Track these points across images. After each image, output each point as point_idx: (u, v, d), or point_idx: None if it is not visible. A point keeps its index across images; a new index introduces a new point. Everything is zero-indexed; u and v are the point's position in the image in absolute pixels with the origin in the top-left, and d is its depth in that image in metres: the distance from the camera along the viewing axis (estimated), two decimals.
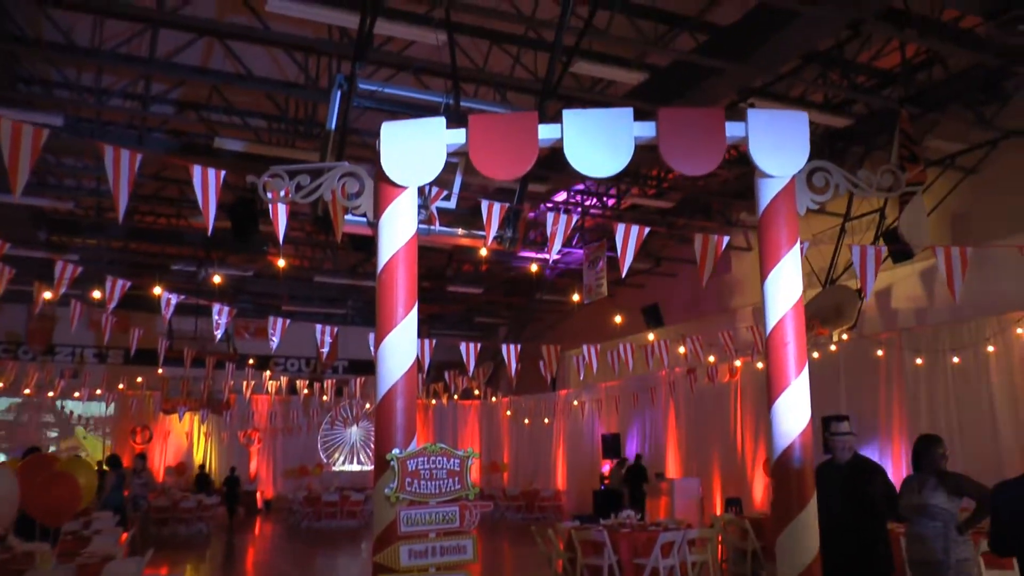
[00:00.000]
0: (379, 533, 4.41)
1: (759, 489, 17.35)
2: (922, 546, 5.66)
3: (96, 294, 10.78)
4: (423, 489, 4.03)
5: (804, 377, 4.77)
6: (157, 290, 10.21)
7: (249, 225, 13.78)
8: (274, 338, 11.26)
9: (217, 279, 13.70)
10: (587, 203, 18.59)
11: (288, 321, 11.31)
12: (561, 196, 18.28)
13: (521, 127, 4.74)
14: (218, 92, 14.08)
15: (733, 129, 4.81)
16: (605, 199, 18.72)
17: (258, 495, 27.37)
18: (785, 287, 4.84)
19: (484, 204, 7.00)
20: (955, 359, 13.45)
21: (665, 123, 4.74)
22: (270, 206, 5.75)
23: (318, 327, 11.52)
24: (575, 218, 7.55)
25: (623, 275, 6.96)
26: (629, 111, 4.72)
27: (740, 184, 17.57)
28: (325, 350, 11.72)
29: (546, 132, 4.75)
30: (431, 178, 4.79)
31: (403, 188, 4.81)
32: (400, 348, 4.67)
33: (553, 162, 14.19)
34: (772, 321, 4.83)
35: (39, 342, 25.21)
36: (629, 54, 12.31)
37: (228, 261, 21.63)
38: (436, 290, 23.77)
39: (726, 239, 6.74)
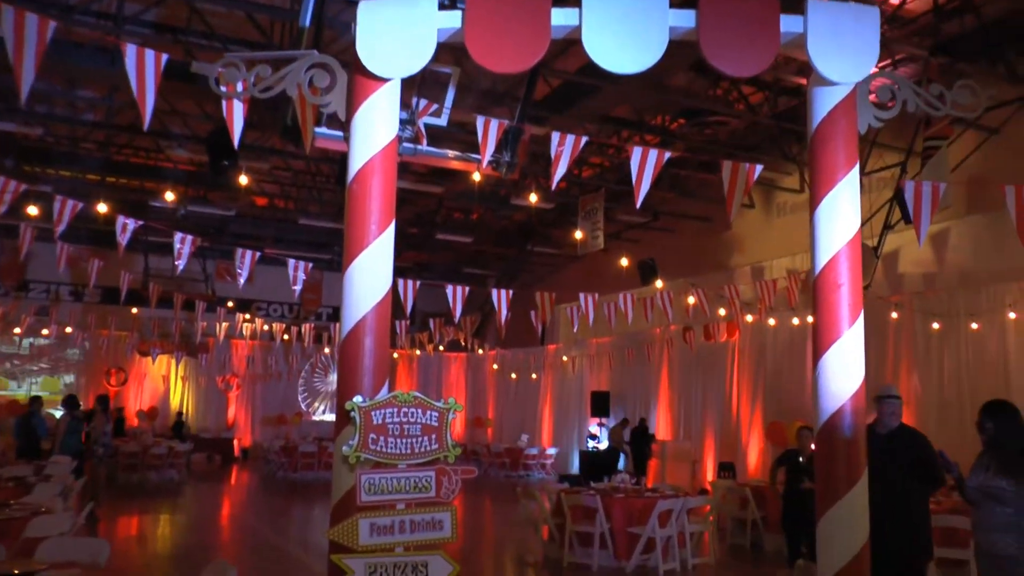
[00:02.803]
0: (336, 502, 3.56)
1: (754, 455, 16.69)
2: (987, 536, 4.78)
3: (32, 210, 9.78)
4: (391, 448, 3.17)
5: (859, 327, 3.96)
6: (102, 207, 9.22)
7: (227, 158, 12.90)
8: (242, 273, 10.33)
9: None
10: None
11: (258, 254, 10.39)
12: None
13: (530, 8, 3.84)
14: (198, 15, 13.09)
15: (789, 24, 3.94)
16: (605, 148, 17.81)
17: (235, 443, 26.65)
18: (841, 218, 4.03)
19: (480, 121, 6.10)
20: (973, 325, 12.75)
21: (708, 11, 3.86)
22: (224, 101, 4.86)
23: (291, 263, 10.59)
24: (583, 140, 6.59)
25: (637, 204, 6.10)
26: None
27: (750, 136, 16.72)
28: (297, 288, 10.81)
29: (561, 17, 3.87)
30: (417, 69, 3.91)
31: (383, 81, 3.93)
32: (372, 274, 3.79)
33: (555, 102, 13.32)
34: (823, 259, 4.01)
35: (11, 278, 24.25)
36: None
37: (209, 199, 20.65)
38: (424, 237, 22.82)
39: (759, 168, 5.90)
